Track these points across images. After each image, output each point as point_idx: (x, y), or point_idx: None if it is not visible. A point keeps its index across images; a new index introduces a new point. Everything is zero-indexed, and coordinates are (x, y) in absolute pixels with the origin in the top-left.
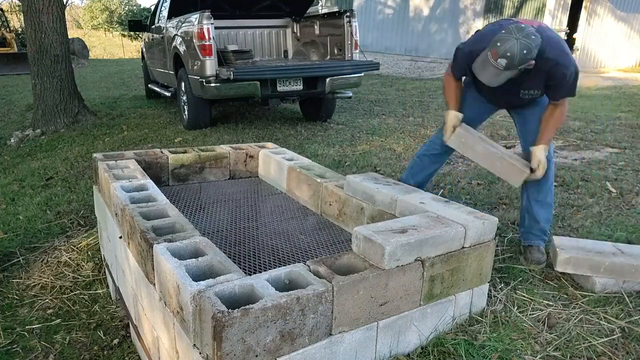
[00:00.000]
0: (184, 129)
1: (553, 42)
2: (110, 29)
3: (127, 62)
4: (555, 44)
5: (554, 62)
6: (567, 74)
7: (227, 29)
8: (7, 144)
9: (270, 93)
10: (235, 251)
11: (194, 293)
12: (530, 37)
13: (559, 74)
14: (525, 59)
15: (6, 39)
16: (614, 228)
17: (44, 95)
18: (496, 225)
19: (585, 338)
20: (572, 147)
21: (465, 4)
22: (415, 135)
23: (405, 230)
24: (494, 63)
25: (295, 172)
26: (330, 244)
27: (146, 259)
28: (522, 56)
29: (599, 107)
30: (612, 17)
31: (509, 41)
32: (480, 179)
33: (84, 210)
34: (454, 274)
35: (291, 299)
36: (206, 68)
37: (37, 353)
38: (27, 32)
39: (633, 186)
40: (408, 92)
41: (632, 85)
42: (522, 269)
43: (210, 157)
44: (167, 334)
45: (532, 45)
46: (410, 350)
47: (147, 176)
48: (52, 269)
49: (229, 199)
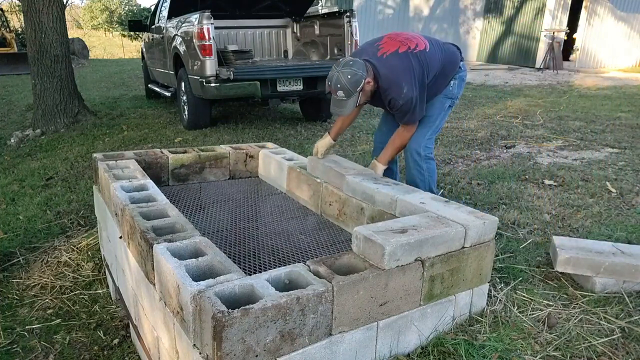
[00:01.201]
0: (184, 129)
1: (389, 72)
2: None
3: (127, 62)
4: (390, 75)
5: (384, 91)
6: (397, 104)
7: (227, 29)
8: (7, 144)
9: (270, 93)
10: (235, 251)
11: (194, 293)
12: (349, 64)
13: (391, 102)
14: (356, 81)
15: (6, 39)
16: (614, 228)
17: (44, 95)
18: (496, 225)
19: (585, 338)
20: (572, 147)
21: (466, 4)
22: None
23: (405, 230)
24: (335, 96)
25: (295, 172)
26: (330, 244)
27: (146, 259)
28: (350, 81)
29: (599, 107)
30: (612, 17)
31: (333, 76)
32: (480, 179)
33: (84, 210)
34: (454, 274)
35: (291, 299)
36: (206, 68)
37: (37, 353)
38: (27, 32)
39: (633, 186)
40: None
41: (632, 85)
42: (522, 269)
43: (210, 157)
44: (167, 334)
45: (354, 70)
46: (410, 350)
47: (147, 176)
48: (52, 269)
49: (229, 199)
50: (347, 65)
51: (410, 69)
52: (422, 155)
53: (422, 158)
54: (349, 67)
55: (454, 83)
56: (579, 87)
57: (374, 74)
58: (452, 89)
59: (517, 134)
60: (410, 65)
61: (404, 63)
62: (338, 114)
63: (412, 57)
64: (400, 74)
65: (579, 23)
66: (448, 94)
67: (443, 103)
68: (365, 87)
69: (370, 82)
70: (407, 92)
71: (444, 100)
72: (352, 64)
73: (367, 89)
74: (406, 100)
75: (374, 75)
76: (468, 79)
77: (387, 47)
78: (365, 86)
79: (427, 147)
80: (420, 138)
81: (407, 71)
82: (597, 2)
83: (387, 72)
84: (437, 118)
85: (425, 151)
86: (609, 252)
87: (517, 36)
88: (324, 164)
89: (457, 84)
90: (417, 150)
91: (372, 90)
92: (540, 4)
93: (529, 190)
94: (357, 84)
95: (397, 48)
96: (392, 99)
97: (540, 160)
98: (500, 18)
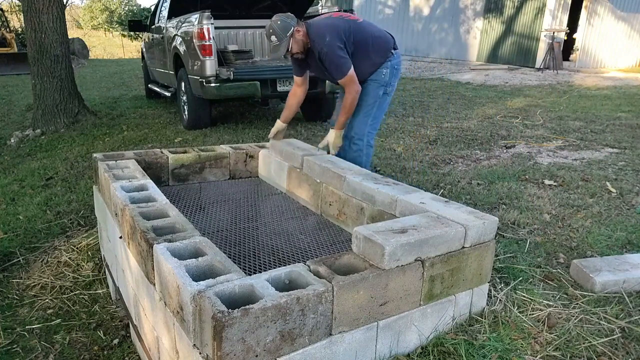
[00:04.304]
0: (184, 129)
1: (316, 25)
2: (110, 29)
3: (127, 62)
4: (316, 26)
5: (313, 43)
6: (323, 53)
7: (227, 29)
8: (7, 144)
9: (270, 93)
10: (235, 251)
11: (194, 293)
12: (280, 16)
13: (321, 55)
14: (285, 27)
15: (6, 39)
16: (614, 228)
17: (44, 95)
18: (496, 225)
19: (585, 338)
20: (572, 147)
21: (466, 4)
22: (415, 135)
23: (405, 230)
24: (270, 42)
25: (295, 172)
26: (330, 244)
27: (146, 259)
28: (280, 26)
29: (599, 107)
30: (612, 17)
31: (268, 24)
32: (480, 179)
33: (84, 210)
34: (454, 274)
35: (291, 299)
36: (206, 68)
37: (37, 353)
38: (27, 32)
39: (633, 186)
40: (408, 92)
41: (632, 85)
42: (522, 269)
43: (210, 157)
44: (168, 334)
45: (283, 18)
46: (410, 350)
47: (147, 176)
48: (52, 269)
49: (229, 199)
50: (279, 15)
51: (335, 25)
52: (365, 142)
53: (365, 145)
54: (280, 16)
55: (386, 71)
56: (579, 87)
57: (306, 28)
58: (385, 76)
59: (517, 134)
60: (335, 23)
61: (331, 20)
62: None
63: (340, 19)
64: (325, 27)
65: (579, 23)
66: (380, 80)
67: (377, 90)
68: (296, 34)
69: (300, 30)
70: (330, 40)
71: (377, 87)
72: (284, 15)
73: (297, 37)
74: (329, 47)
75: (305, 30)
76: (468, 79)
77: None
78: (295, 34)
79: (370, 132)
80: (362, 126)
81: (332, 26)
82: (597, 2)
83: (315, 26)
84: (373, 105)
85: (368, 137)
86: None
87: (517, 36)
88: (321, 164)
89: (390, 72)
90: (361, 137)
91: (304, 42)
92: (541, 4)
93: (529, 190)
94: (286, 29)
95: (331, 14)
96: (320, 51)
97: (540, 160)
98: (500, 18)
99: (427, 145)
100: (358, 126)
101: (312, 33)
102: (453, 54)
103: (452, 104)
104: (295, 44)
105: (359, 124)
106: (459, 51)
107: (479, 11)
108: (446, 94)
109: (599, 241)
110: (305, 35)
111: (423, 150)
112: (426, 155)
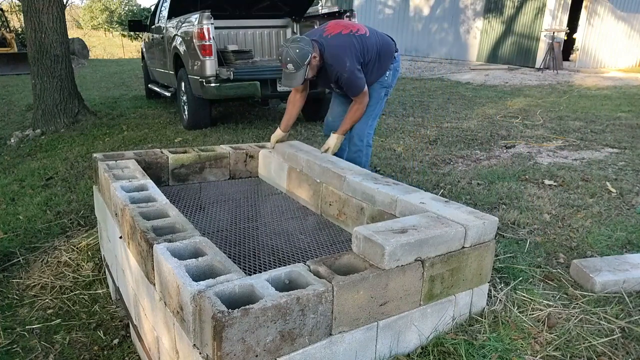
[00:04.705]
0: (184, 129)
1: (333, 48)
2: (110, 29)
3: (127, 62)
4: (334, 51)
5: (330, 67)
6: (343, 78)
7: (227, 29)
8: (7, 144)
9: (270, 93)
10: (235, 251)
11: (194, 293)
12: (296, 40)
13: (339, 78)
14: (303, 55)
15: (6, 39)
16: (614, 228)
17: (44, 95)
18: (496, 225)
19: (585, 338)
20: (572, 147)
21: (466, 4)
22: (415, 135)
23: (405, 230)
24: (286, 70)
25: (295, 172)
26: (330, 244)
27: (146, 259)
28: (299, 55)
29: (599, 107)
30: (612, 17)
31: (283, 51)
32: (480, 179)
33: (84, 210)
34: (454, 274)
35: (291, 299)
36: (206, 68)
37: (37, 353)
38: (27, 32)
39: (633, 186)
40: (408, 92)
41: (632, 85)
42: (522, 269)
43: (210, 157)
44: (168, 334)
45: (301, 45)
46: (410, 350)
47: (147, 176)
48: (52, 269)
49: (229, 199)
50: (295, 41)
51: (352, 46)
52: (365, 142)
53: (364, 145)
54: (297, 42)
55: (389, 73)
56: (579, 87)
57: (320, 50)
58: (387, 78)
59: (517, 134)
60: (352, 44)
61: (346, 42)
62: (289, 86)
63: (353, 38)
64: (343, 50)
65: (579, 23)
66: (384, 82)
67: (379, 92)
68: (312, 61)
69: (316, 56)
70: (350, 65)
71: (380, 89)
72: (299, 40)
73: (313, 63)
74: (350, 73)
75: (319, 52)
76: (468, 79)
77: (331, 30)
78: (312, 61)
79: (369, 133)
80: (363, 127)
81: (349, 48)
82: (597, 2)
83: (332, 49)
84: (375, 106)
85: (367, 137)
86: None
87: (517, 36)
88: (321, 164)
89: (392, 74)
90: (361, 138)
91: (318, 66)
92: (541, 4)
93: (529, 190)
94: (304, 57)
95: (340, 30)
96: (338, 73)
97: (540, 160)
98: (500, 18)
99: (427, 145)
100: (359, 127)
101: (329, 56)
102: (453, 54)
103: (452, 104)
104: (311, 70)
105: (361, 124)
106: (459, 51)
107: (479, 11)
108: (446, 94)
109: (599, 241)
110: (319, 60)
111: (423, 150)
112: (426, 155)
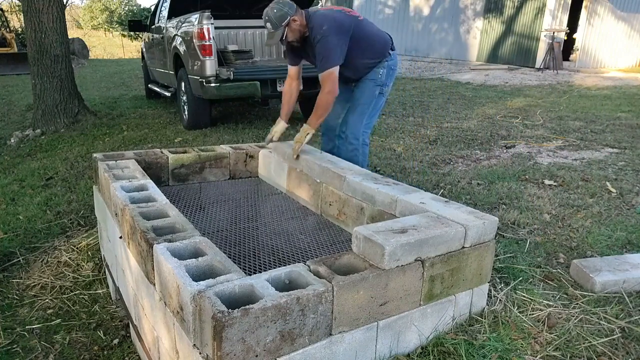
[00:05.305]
0: (184, 129)
1: (318, 15)
2: (110, 29)
3: (127, 62)
4: (318, 17)
5: (310, 31)
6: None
7: (227, 29)
8: (7, 144)
9: (270, 93)
10: (235, 251)
11: (194, 293)
12: (278, 2)
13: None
14: (281, 16)
15: (6, 39)
16: (614, 228)
17: (44, 95)
18: (496, 225)
19: (585, 338)
20: (572, 147)
21: (466, 4)
22: (415, 135)
23: (405, 230)
24: (265, 28)
25: (295, 172)
26: (330, 244)
27: (146, 259)
28: (276, 16)
29: (599, 107)
30: (612, 17)
31: (264, 11)
32: (480, 179)
33: (84, 210)
34: (454, 274)
35: (291, 299)
36: (206, 68)
37: (37, 353)
38: (27, 32)
39: (633, 186)
40: (408, 92)
41: (632, 85)
42: (522, 269)
43: (210, 157)
44: (168, 334)
45: (280, 6)
46: (410, 350)
47: (147, 176)
48: (52, 269)
49: (229, 199)
50: (277, 3)
51: (336, 18)
52: (360, 141)
53: (360, 144)
54: (278, 4)
55: (383, 71)
56: (579, 87)
57: (306, 17)
58: (381, 76)
59: (517, 134)
60: (337, 16)
61: (332, 13)
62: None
63: (342, 12)
64: (325, 17)
65: (579, 23)
66: (377, 80)
67: (373, 90)
68: (292, 24)
69: (297, 20)
70: (326, 29)
71: (373, 87)
72: (282, 2)
73: (293, 26)
74: (323, 35)
75: (305, 19)
76: (468, 79)
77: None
78: (292, 23)
79: (364, 132)
80: (358, 125)
81: (332, 18)
82: (597, 2)
83: (317, 16)
84: (369, 105)
85: (363, 136)
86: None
87: (517, 36)
88: (321, 164)
89: (386, 72)
90: (356, 137)
91: (301, 32)
92: (541, 4)
93: (529, 190)
94: (282, 18)
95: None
96: (314, 38)
97: (540, 160)
98: (500, 18)
99: (427, 145)
100: (354, 125)
101: (312, 22)
102: (453, 54)
103: (452, 104)
104: (291, 32)
105: (355, 123)
106: (459, 51)
107: (479, 11)
108: (446, 94)
109: (599, 241)
110: (303, 25)
111: (423, 150)
112: (426, 155)
